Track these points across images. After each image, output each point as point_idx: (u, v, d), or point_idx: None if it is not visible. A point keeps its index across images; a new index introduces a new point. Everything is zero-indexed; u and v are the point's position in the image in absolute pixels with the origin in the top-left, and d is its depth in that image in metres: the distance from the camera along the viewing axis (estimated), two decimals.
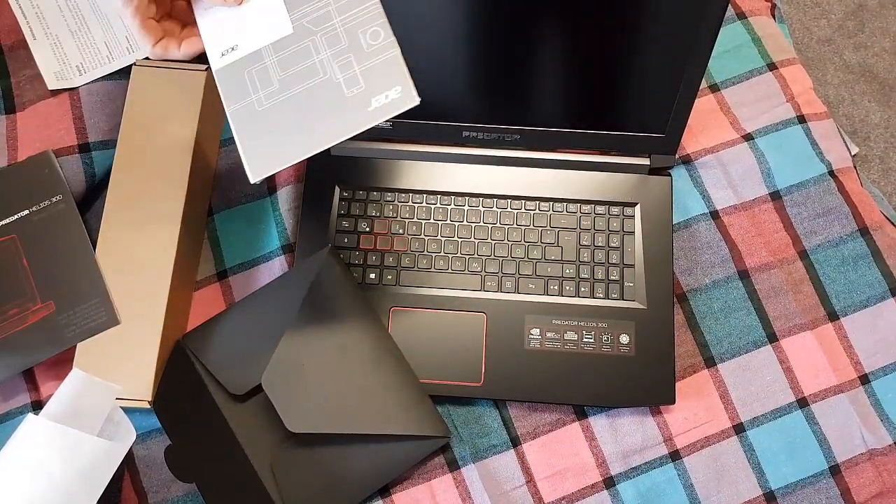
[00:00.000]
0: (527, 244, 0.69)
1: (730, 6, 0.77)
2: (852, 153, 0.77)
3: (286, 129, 0.53)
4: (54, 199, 0.66)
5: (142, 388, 0.61)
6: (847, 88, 1.20)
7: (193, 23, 0.55)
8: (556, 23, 0.62)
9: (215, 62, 0.55)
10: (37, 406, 0.65)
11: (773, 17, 0.79)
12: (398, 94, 0.51)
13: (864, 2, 1.24)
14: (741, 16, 0.77)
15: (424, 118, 0.69)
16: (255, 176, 0.53)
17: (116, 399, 0.57)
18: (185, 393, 0.64)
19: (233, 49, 0.54)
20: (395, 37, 0.51)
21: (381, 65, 0.51)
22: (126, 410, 0.57)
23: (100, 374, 0.56)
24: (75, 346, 0.62)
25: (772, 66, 0.75)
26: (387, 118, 0.51)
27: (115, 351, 0.62)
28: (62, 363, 0.65)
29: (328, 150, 0.70)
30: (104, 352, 0.62)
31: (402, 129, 0.70)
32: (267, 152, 0.53)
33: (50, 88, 0.71)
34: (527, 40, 0.63)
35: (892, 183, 1.13)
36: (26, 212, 0.65)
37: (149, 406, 0.61)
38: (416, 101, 0.50)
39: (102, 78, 0.71)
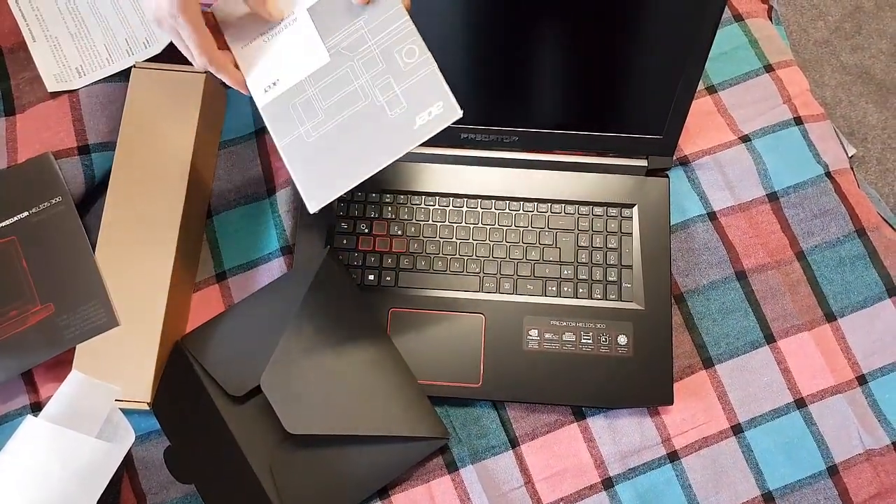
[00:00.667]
0: (525, 245, 0.69)
1: (727, 8, 0.77)
2: (850, 154, 0.77)
3: (337, 156, 0.54)
4: (54, 201, 0.66)
5: (141, 390, 0.61)
6: (844, 90, 1.20)
7: None
8: (554, 25, 0.62)
9: (260, 99, 0.56)
10: (36, 408, 0.65)
11: (770, 19, 0.79)
12: (441, 110, 0.51)
13: (861, 4, 1.24)
14: (738, 17, 0.77)
15: None
16: (314, 206, 0.54)
17: (115, 400, 0.57)
18: (184, 394, 0.64)
19: (274, 84, 0.56)
20: (430, 52, 0.52)
21: (421, 82, 0.52)
22: (125, 412, 0.57)
23: (99, 375, 0.56)
24: (75, 348, 0.62)
25: (769, 68, 0.75)
26: (433, 134, 0.52)
27: (115, 352, 0.62)
28: (61, 364, 0.65)
29: None
30: (103, 353, 0.62)
31: None
32: (322, 182, 0.54)
33: (49, 91, 0.71)
34: (524, 43, 0.64)
35: (890, 184, 1.14)
36: (26, 213, 0.66)
37: (148, 407, 0.61)
38: (459, 114, 0.51)
39: (102, 80, 0.71)
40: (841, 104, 1.19)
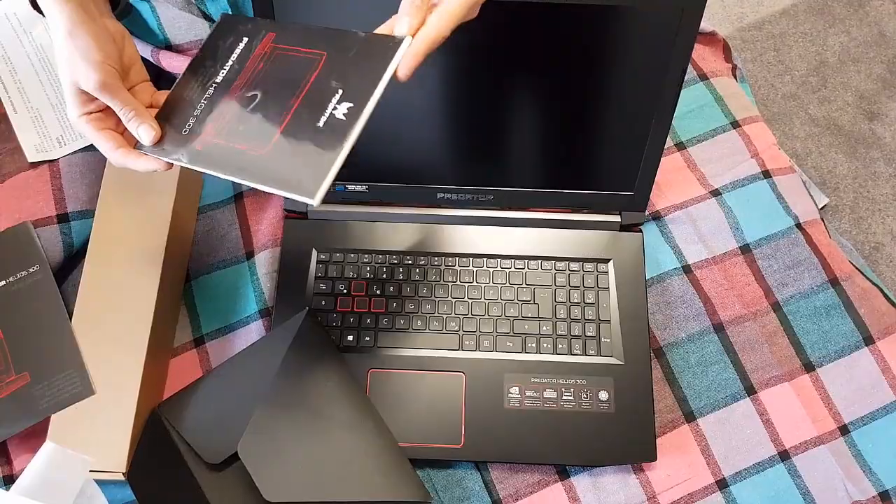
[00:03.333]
0: (503, 302, 0.70)
1: (693, 69, 0.80)
2: (821, 205, 0.79)
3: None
4: (31, 270, 0.66)
5: (116, 460, 0.60)
6: (814, 141, 1.24)
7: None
8: (525, 89, 0.64)
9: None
10: (9, 480, 0.64)
11: (735, 77, 0.82)
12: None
13: (825, 58, 1.29)
14: (703, 77, 0.80)
15: (399, 181, 0.71)
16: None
17: (90, 471, 0.56)
18: (160, 463, 0.63)
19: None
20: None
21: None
22: (100, 482, 0.56)
23: (74, 444, 0.54)
24: (50, 418, 0.61)
25: (735, 124, 0.78)
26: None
27: (90, 421, 0.61)
28: (36, 434, 0.63)
29: (305, 213, 0.72)
30: (79, 423, 0.61)
31: (378, 191, 0.71)
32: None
33: (30, 161, 0.72)
34: (497, 106, 0.66)
35: (864, 231, 1.16)
36: (3, 283, 0.66)
37: (123, 478, 0.60)
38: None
39: (82, 149, 0.72)
40: (811, 155, 1.23)
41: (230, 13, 0.73)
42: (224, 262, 0.72)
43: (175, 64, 0.72)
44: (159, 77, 0.72)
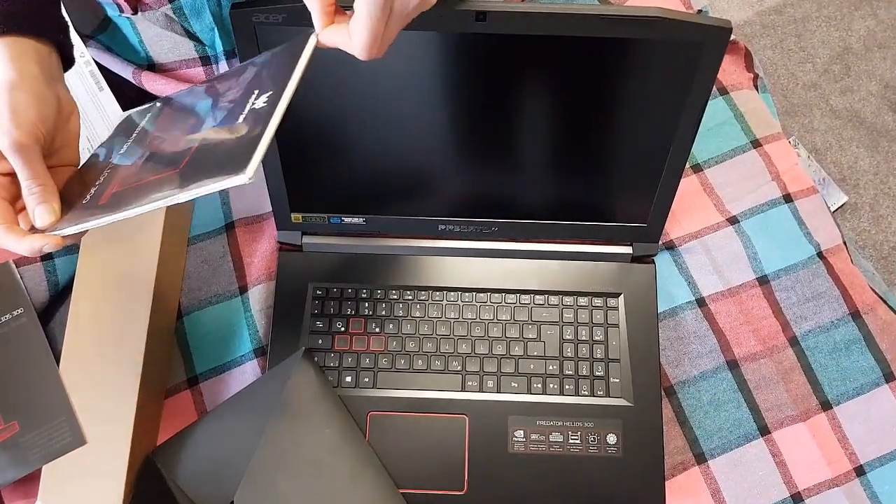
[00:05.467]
0: (508, 340, 0.67)
1: None
2: (840, 203, 0.75)
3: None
4: (15, 313, 0.64)
5: None
6: (834, 135, 1.18)
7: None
8: (533, 115, 0.60)
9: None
10: None
11: (756, 88, 0.77)
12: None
13: (849, 44, 1.22)
14: (723, 91, 0.75)
15: (398, 213, 0.67)
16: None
17: None
18: None
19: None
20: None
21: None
22: None
23: (66, 497, 0.53)
24: (41, 468, 0.59)
25: (756, 144, 0.73)
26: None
27: (82, 472, 0.59)
28: (29, 481, 0.62)
29: (300, 246, 0.69)
30: (71, 473, 0.59)
31: (376, 223, 0.68)
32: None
33: None
34: (505, 135, 0.61)
35: (884, 230, 1.11)
36: None
37: None
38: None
39: None
40: (831, 149, 1.17)
41: (202, 43, 0.69)
42: (217, 297, 0.69)
43: (157, 87, 0.68)
44: (143, 98, 0.68)
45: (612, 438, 0.64)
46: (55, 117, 0.47)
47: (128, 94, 0.69)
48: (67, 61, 0.51)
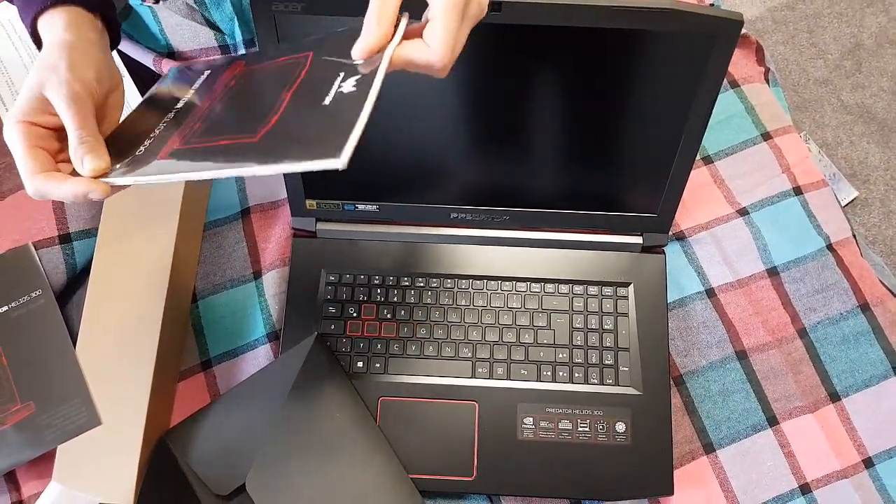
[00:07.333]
0: (518, 328, 0.67)
1: None
2: (850, 198, 0.75)
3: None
4: (34, 295, 0.65)
5: (123, 493, 0.59)
6: (845, 130, 1.18)
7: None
8: (546, 104, 0.61)
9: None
10: None
11: (767, 81, 0.77)
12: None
13: (861, 40, 1.22)
14: (734, 84, 0.75)
15: (411, 200, 0.68)
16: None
17: None
18: (167, 492, 0.62)
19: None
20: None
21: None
22: None
23: (81, 477, 0.54)
24: (56, 447, 0.60)
25: (766, 136, 0.73)
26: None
27: (96, 453, 0.60)
28: (44, 461, 0.63)
29: (314, 232, 0.70)
30: (85, 453, 0.60)
31: (389, 211, 0.69)
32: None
33: None
34: (515, 121, 0.62)
35: (894, 226, 1.11)
36: (5, 308, 0.64)
37: None
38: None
39: None
40: (842, 145, 1.17)
41: (225, 31, 0.69)
42: (231, 282, 0.70)
43: None
44: None
45: (620, 427, 0.64)
46: (108, 83, 0.47)
47: (148, 82, 0.70)
48: (113, 40, 0.51)
